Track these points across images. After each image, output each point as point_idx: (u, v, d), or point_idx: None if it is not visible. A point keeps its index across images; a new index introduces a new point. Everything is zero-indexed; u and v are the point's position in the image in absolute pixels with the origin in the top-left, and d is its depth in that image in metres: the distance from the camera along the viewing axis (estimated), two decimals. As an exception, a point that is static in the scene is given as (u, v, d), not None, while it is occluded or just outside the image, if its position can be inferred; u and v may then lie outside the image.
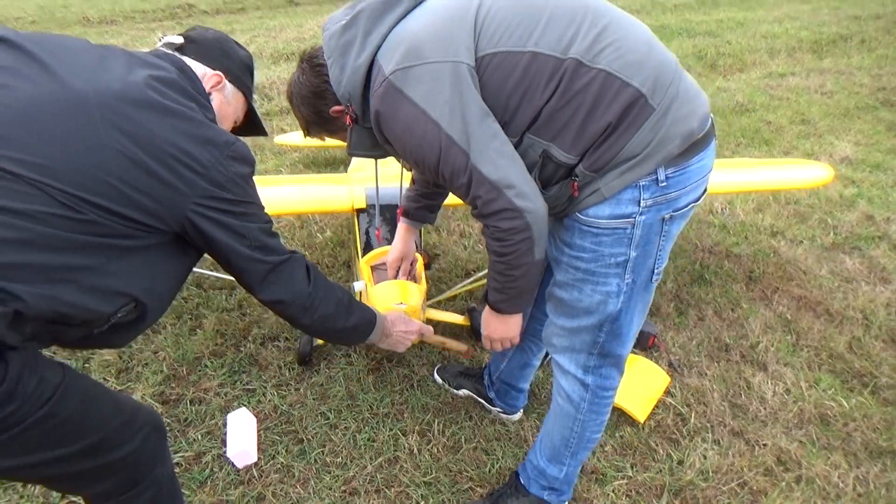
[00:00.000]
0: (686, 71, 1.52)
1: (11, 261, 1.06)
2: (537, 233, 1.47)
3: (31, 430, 1.16)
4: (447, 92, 1.37)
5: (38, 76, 1.16)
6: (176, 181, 1.22)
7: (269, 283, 1.44)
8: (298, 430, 2.33)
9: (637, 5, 8.72)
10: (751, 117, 5.25)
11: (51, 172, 1.10)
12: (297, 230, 3.55)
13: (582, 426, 1.87)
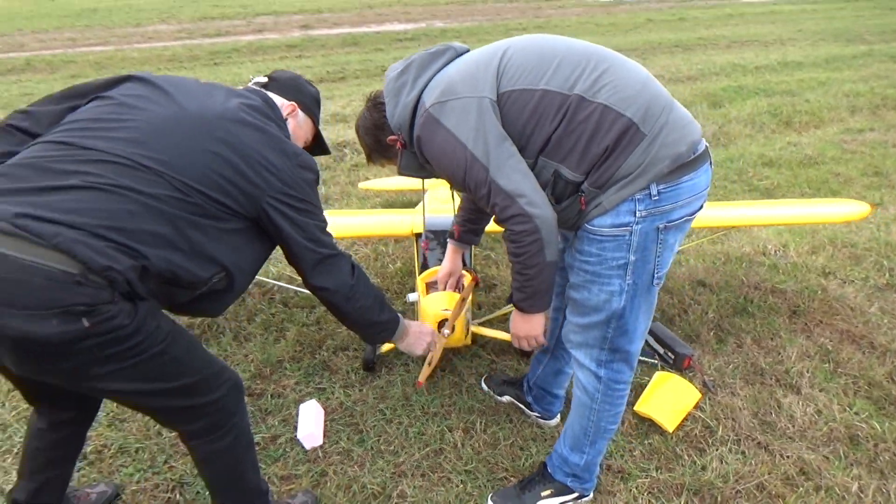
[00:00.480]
0: (760, 125, 1.87)
1: (142, 228, 1.48)
2: (546, 236, 1.78)
3: (149, 361, 1.56)
4: (473, 120, 1.75)
5: (165, 102, 1.63)
6: (257, 178, 1.63)
7: (318, 271, 1.80)
8: (359, 423, 2.66)
9: (716, 68, 8.91)
10: (819, 169, 5.32)
11: (171, 167, 1.53)
12: (372, 261, 3.97)
13: (598, 416, 2.11)
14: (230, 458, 1.86)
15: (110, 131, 1.53)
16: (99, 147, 1.49)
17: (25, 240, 1.34)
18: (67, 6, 16.09)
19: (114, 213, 1.44)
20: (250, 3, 16.54)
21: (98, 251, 1.39)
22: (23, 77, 9.20)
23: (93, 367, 1.49)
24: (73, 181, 1.43)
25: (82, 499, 2.22)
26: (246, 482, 1.94)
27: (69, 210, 1.40)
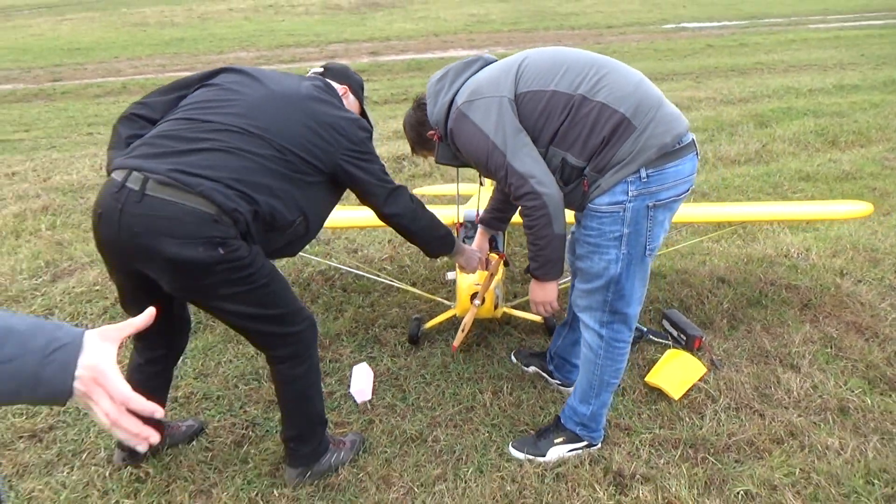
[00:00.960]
0: (805, 144, 2.34)
1: (255, 180, 2.00)
2: (553, 211, 2.17)
3: (257, 290, 2.07)
4: (494, 116, 2.19)
5: (257, 86, 2.16)
6: (332, 140, 2.15)
7: (388, 202, 2.31)
8: (403, 384, 3.09)
9: (769, 91, 9.06)
10: (855, 184, 5.49)
11: (271, 133, 2.05)
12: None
13: (601, 370, 2.48)
14: (305, 382, 2.33)
15: (221, 108, 2.07)
16: (216, 120, 2.03)
17: (178, 188, 1.88)
18: (158, 36, 17.45)
19: (236, 169, 1.97)
20: (323, 32, 17.53)
21: (228, 198, 1.93)
22: (119, 98, 10.20)
23: (221, 287, 2.01)
24: (203, 146, 1.97)
25: (174, 429, 2.73)
26: (313, 407, 2.40)
27: (206, 167, 1.93)
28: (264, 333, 2.22)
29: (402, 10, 23.30)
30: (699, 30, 17.43)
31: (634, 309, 2.39)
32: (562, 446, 2.60)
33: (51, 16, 23.31)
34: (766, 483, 2.41)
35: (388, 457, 2.63)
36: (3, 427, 2.81)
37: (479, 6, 24.17)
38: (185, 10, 23.71)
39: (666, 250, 4.12)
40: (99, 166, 6.40)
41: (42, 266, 4.26)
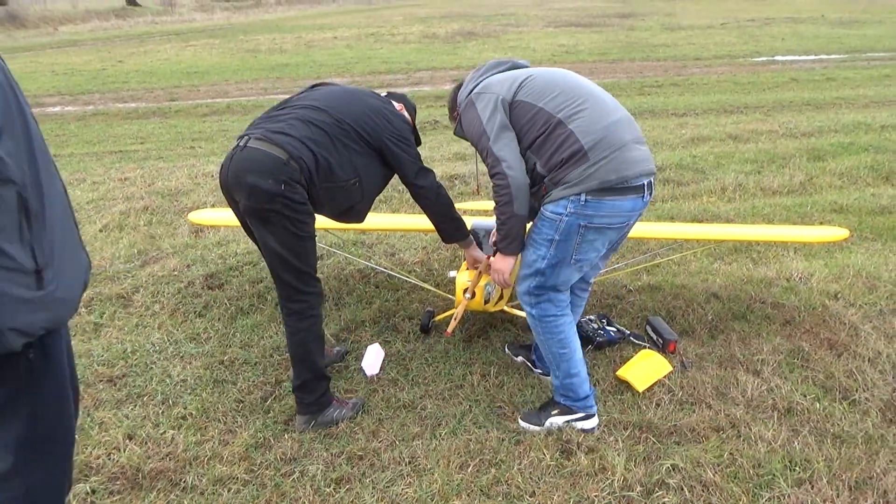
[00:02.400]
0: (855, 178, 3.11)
1: (315, 138, 2.78)
2: (514, 192, 2.67)
3: (297, 238, 2.79)
4: (490, 108, 2.75)
5: (333, 87, 3.06)
6: (381, 123, 2.94)
7: (419, 176, 3.04)
8: (407, 364, 3.60)
9: (838, 125, 8.99)
10: (888, 218, 5.53)
11: (333, 110, 2.87)
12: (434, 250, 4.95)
13: (546, 345, 2.96)
14: (307, 336, 2.95)
15: (303, 98, 3.01)
16: (297, 104, 2.95)
17: (265, 141, 2.73)
18: (266, 62, 18.96)
19: (305, 131, 2.78)
20: (415, 60, 18.48)
21: (296, 148, 2.73)
22: (223, 118, 11.37)
23: (274, 217, 2.73)
24: (284, 116, 2.86)
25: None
26: (313, 359, 2.99)
27: (284, 128, 2.79)
28: (285, 282, 2.87)
29: (496, 40, 24.03)
30: (790, 63, 17.11)
31: (559, 296, 2.88)
32: (558, 417, 3.00)
33: (178, 42, 25.64)
34: (694, 460, 2.76)
35: (381, 418, 3.16)
36: (90, 373, 3.53)
37: (572, 37, 24.57)
38: (295, 38, 25.45)
39: (642, 265, 4.46)
40: (195, 175, 7.36)
41: (135, 254, 5.10)
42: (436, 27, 28.11)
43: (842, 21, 29.02)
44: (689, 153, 7.68)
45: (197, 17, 39.08)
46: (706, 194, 6.36)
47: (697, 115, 10.37)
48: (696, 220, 5.59)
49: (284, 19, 38.35)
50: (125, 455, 2.86)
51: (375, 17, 35.96)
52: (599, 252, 2.82)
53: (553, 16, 33.37)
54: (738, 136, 8.54)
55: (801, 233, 3.92)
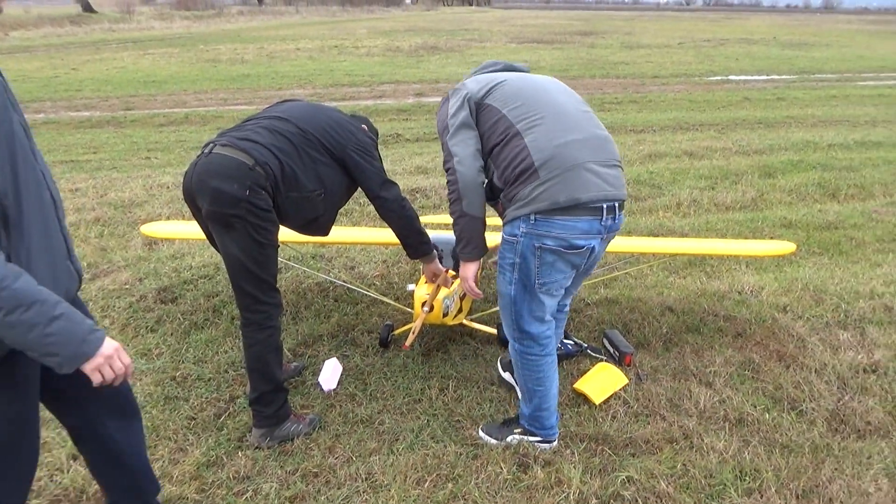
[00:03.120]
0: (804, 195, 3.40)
1: (280, 146, 2.78)
2: (463, 189, 2.61)
3: (257, 245, 2.76)
4: (458, 105, 2.69)
5: (298, 102, 3.06)
6: (344, 136, 2.97)
7: (382, 188, 3.06)
8: (366, 378, 3.57)
9: (788, 143, 9.28)
10: (835, 233, 5.75)
11: (298, 120, 2.90)
12: (395, 264, 4.94)
13: (524, 379, 2.92)
14: (263, 348, 2.90)
15: (269, 110, 3.02)
16: (263, 115, 2.95)
17: (231, 147, 2.72)
18: (227, 72, 18.76)
19: (271, 139, 2.80)
20: (378, 73, 18.51)
21: (262, 154, 2.73)
22: (180, 128, 11.19)
23: (237, 222, 2.70)
24: (251, 125, 2.89)
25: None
26: (271, 372, 2.94)
27: (250, 136, 2.78)
28: (245, 291, 2.84)
29: (459, 55, 24.26)
30: (743, 83, 17.64)
31: (538, 329, 2.79)
32: (519, 436, 2.98)
33: (135, 50, 25.24)
34: (648, 472, 2.79)
35: (338, 433, 3.12)
36: (34, 389, 3.41)
37: (534, 53, 24.95)
38: (257, 48, 25.29)
39: (599, 278, 4.53)
40: (150, 186, 7.21)
41: (85, 267, 4.97)
42: (399, 41, 28.24)
43: (792, 43, 30.11)
44: (646, 169, 7.84)
45: (156, 26, 38.54)
46: (662, 209, 6.49)
47: (655, 132, 10.60)
48: (652, 235, 5.69)
49: (246, 29, 38.09)
50: (68, 477, 2.77)
51: (339, 30, 35.98)
52: (565, 274, 2.69)
53: (516, 32, 33.84)
54: (693, 152, 8.75)
55: (752, 247, 4.03)
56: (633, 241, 4.26)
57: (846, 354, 3.68)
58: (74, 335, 1.62)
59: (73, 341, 1.62)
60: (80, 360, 1.64)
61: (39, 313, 1.55)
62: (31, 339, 1.56)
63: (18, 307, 1.52)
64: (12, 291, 1.51)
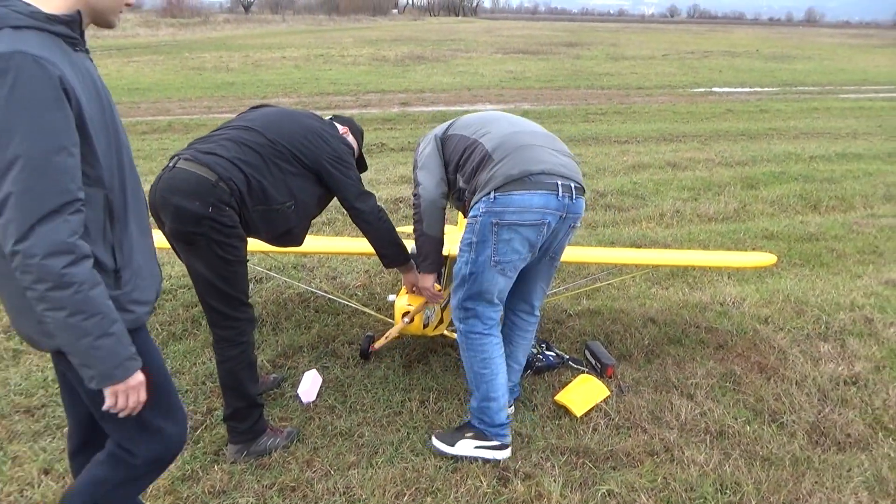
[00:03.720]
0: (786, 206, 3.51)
1: (247, 160, 2.70)
2: (424, 211, 2.98)
3: (224, 263, 2.69)
4: (426, 143, 3.08)
5: (272, 108, 3.03)
6: (317, 145, 2.88)
7: (359, 199, 3.01)
8: (346, 390, 3.53)
9: (770, 155, 9.37)
10: (816, 245, 5.79)
11: (268, 130, 2.82)
12: (377, 274, 4.91)
13: (470, 362, 2.98)
14: (235, 364, 2.83)
15: (239, 119, 2.91)
16: (231, 125, 2.86)
17: (194, 162, 2.63)
18: (210, 79, 18.68)
19: (235, 151, 2.70)
20: (364, 82, 18.51)
21: (226, 169, 2.64)
22: (163, 136, 11.10)
23: (200, 240, 2.63)
24: (216, 137, 2.79)
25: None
26: (244, 388, 2.88)
27: (214, 149, 2.68)
28: (213, 308, 2.77)
29: (444, 65, 24.33)
30: (727, 94, 17.82)
31: (484, 308, 2.90)
32: (470, 441, 2.98)
33: (120, 57, 25.06)
34: (629, 485, 2.77)
35: (316, 446, 3.08)
36: (5, 402, 3.34)
37: (519, 64, 25.08)
38: (242, 56, 25.22)
39: (583, 289, 4.53)
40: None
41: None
42: (385, 50, 28.30)
43: (775, 56, 30.49)
44: (629, 179, 7.87)
45: (141, 33, 38.38)
46: (645, 220, 6.51)
47: (639, 143, 10.66)
48: (634, 245, 5.71)
49: (232, 37, 38.01)
50: (39, 491, 2.71)
51: (325, 39, 35.99)
52: (520, 254, 2.80)
53: (502, 42, 34.03)
54: (676, 163, 8.81)
55: (733, 258, 4.04)
56: (617, 252, 4.27)
57: (827, 366, 3.69)
58: (116, 356, 1.68)
59: (113, 362, 1.67)
60: (110, 381, 1.69)
61: (97, 325, 1.61)
62: (79, 345, 1.62)
63: (82, 312, 1.58)
64: (85, 297, 1.58)
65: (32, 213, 1.49)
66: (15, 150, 1.48)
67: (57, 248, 1.52)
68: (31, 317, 1.65)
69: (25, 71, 1.48)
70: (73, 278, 1.55)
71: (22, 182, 1.48)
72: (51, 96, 1.51)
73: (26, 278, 1.52)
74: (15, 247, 1.49)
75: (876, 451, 3.03)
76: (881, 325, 4.19)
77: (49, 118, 1.51)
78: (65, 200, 1.53)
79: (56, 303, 1.55)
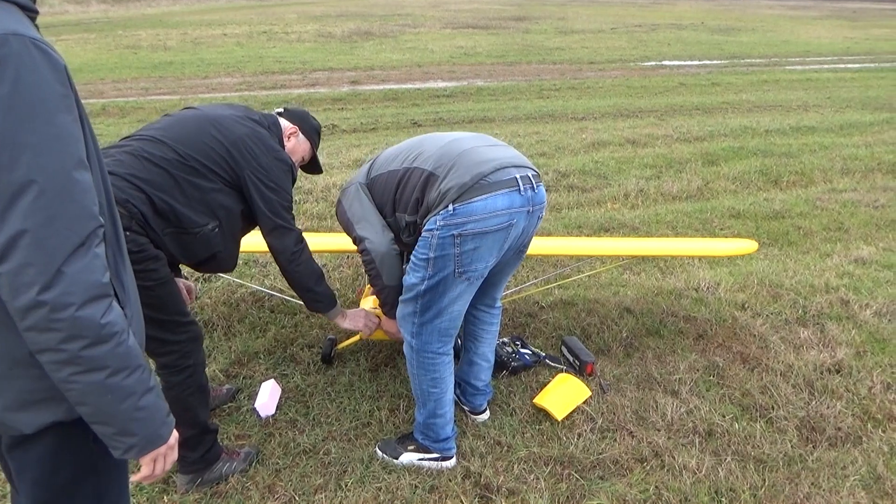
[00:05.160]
0: (747, 183, 2.84)
1: (149, 178, 2.29)
2: (380, 265, 2.68)
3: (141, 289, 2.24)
4: (351, 198, 2.79)
5: (191, 112, 2.55)
6: (239, 157, 2.45)
7: (272, 235, 2.60)
8: (308, 400, 3.25)
9: (727, 130, 9.33)
10: (782, 222, 5.72)
11: (177, 142, 2.38)
12: (334, 270, 4.63)
13: (418, 380, 2.74)
14: (182, 391, 2.49)
15: (149, 127, 2.47)
16: (137, 134, 2.43)
17: None
18: (147, 59, 17.73)
19: (134, 167, 2.29)
20: (310, 60, 17.84)
21: (122, 189, 2.21)
22: (96, 120, 10.42)
23: None
24: (115, 151, 2.34)
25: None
26: (194, 415, 2.56)
27: (111, 165, 2.26)
28: (147, 336, 2.39)
29: (393, 40, 23.72)
30: (677, 68, 17.83)
31: (446, 324, 2.64)
32: (413, 454, 2.80)
33: (47, 35, 23.19)
34: (619, 497, 2.58)
35: (278, 468, 2.80)
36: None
37: (469, 39, 24.64)
38: (181, 34, 24.08)
39: (555, 283, 4.34)
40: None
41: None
42: (331, 26, 27.45)
43: (720, 28, 30.77)
44: (591, 158, 7.69)
45: (70, 9, 36.44)
46: (610, 200, 6.34)
47: (596, 119, 10.50)
48: (602, 229, 5.52)
49: (169, 14, 36.41)
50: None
51: (268, 14, 34.78)
52: (488, 261, 2.53)
53: (450, 17, 33.48)
54: (635, 140, 8.67)
55: (715, 246, 3.89)
56: (594, 243, 4.06)
57: (809, 354, 3.58)
58: (160, 412, 1.36)
59: (157, 420, 1.35)
60: (155, 445, 1.35)
61: (140, 380, 1.28)
62: (120, 409, 1.26)
63: (126, 368, 1.25)
64: (127, 348, 1.25)
65: (58, 252, 1.14)
66: (26, 171, 1.11)
67: (95, 291, 1.18)
68: (11, 387, 1.28)
69: (28, 62, 1.12)
70: (113, 328, 1.21)
71: (40, 213, 1.11)
72: (60, 93, 1.16)
73: (49, 338, 1.15)
74: (40, 297, 1.12)
75: (868, 446, 2.91)
76: (857, 308, 4.10)
77: (62, 122, 1.16)
78: (91, 229, 1.19)
79: (94, 363, 1.20)
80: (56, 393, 1.24)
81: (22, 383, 1.27)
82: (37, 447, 1.35)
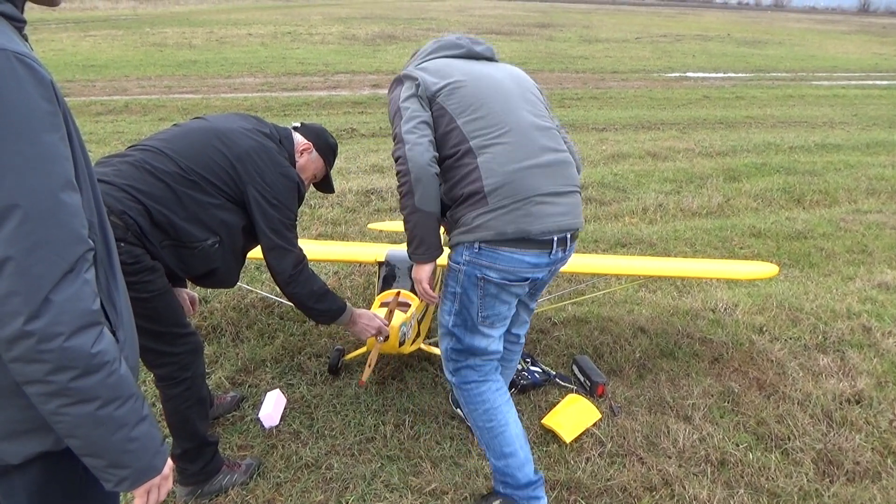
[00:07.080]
0: (770, 200, 2.51)
1: (147, 189, 2.23)
2: (415, 180, 2.19)
3: (137, 301, 2.13)
4: (411, 91, 2.30)
5: (199, 122, 2.48)
6: (243, 172, 2.38)
7: (270, 255, 2.50)
8: (313, 412, 3.21)
9: (750, 145, 9.19)
10: (804, 243, 5.60)
11: (180, 155, 2.31)
12: (345, 278, 4.58)
13: (472, 417, 2.56)
14: (180, 403, 2.46)
15: (154, 136, 2.41)
16: (141, 144, 2.36)
17: None
18: (172, 57, 17.90)
19: (133, 177, 2.23)
20: (333, 62, 17.92)
21: (118, 200, 2.16)
22: (119, 118, 10.51)
23: None
24: (117, 161, 2.29)
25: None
26: (193, 427, 2.52)
27: (110, 175, 2.20)
28: (144, 348, 2.33)
29: (416, 44, 23.73)
30: (702, 80, 17.67)
31: (477, 359, 2.49)
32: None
33: (76, 31, 24.00)
34: (627, 529, 2.51)
35: (279, 481, 2.76)
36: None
37: (494, 44, 24.57)
38: (206, 33, 24.32)
39: (569, 301, 4.25)
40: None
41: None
42: (356, 28, 27.57)
43: (746, 41, 30.49)
44: (610, 171, 7.60)
45: (100, 6, 36.99)
46: (628, 215, 6.25)
47: (616, 131, 10.40)
48: (619, 244, 5.44)
49: (195, 12, 36.79)
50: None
51: (293, 15, 35.01)
52: (509, 305, 2.42)
53: (474, 22, 33.47)
54: (656, 153, 8.56)
55: (733, 269, 3.80)
56: (613, 262, 3.98)
57: (828, 382, 3.47)
58: (153, 441, 1.29)
59: (150, 451, 1.28)
60: (148, 476, 1.29)
61: (132, 410, 1.23)
62: (112, 441, 1.21)
63: (118, 399, 1.19)
64: (118, 378, 1.19)
65: (45, 280, 1.08)
66: (9, 195, 1.05)
67: (85, 320, 1.13)
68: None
69: (10, 78, 1.07)
70: (104, 357, 1.16)
71: (25, 239, 1.06)
72: (45, 110, 1.10)
73: (36, 369, 1.10)
74: (26, 327, 1.07)
75: (888, 483, 2.81)
76: (879, 335, 3.98)
77: (48, 141, 1.10)
78: (79, 254, 1.13)
79: (84, 394, 1.15)
80: (44, 423, 1.19)
81: (8, 413, 1.21)
82: (24, 478, 1.30)
